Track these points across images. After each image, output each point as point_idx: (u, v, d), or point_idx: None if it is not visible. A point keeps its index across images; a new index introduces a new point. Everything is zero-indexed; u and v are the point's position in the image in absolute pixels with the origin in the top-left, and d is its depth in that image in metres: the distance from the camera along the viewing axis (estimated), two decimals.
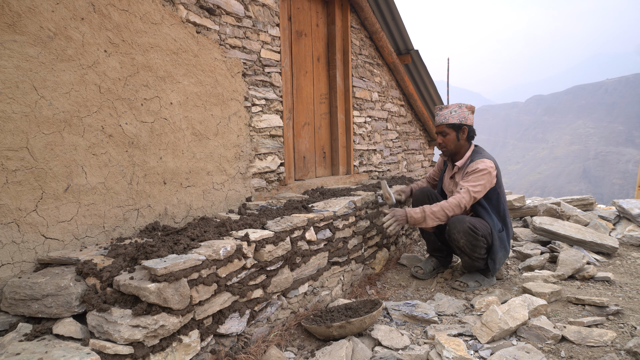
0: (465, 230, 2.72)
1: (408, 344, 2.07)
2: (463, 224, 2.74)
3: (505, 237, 2.90)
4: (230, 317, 1.80)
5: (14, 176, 1.65)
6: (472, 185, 2.77)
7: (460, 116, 2.94)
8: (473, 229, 2.71)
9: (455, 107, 2.97)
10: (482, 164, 2.80)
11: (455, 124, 2.94)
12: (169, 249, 1.67)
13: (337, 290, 2.70)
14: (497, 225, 2.86)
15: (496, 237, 2.81)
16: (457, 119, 2.94)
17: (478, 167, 2.80)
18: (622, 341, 2.04)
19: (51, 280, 1.50)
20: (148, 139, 2.20)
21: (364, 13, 4.23)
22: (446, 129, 2.96)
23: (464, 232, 2.73)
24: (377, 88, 4.75)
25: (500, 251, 2.85)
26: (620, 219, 4.27)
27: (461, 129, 2.95)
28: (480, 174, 2.78)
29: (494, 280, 2.93)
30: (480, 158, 2.87)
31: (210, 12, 2.56)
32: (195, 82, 2.47)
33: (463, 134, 2.96)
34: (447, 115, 2.96)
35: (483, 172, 2.78)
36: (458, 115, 2.94)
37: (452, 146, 2.99)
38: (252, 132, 2.93)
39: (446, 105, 3.00)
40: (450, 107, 2.98)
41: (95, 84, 1.94)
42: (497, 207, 2.89)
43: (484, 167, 2.78)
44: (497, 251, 2.82)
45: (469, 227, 2.72)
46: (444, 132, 2.98)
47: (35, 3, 1.72)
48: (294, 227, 2.21)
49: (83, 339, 1.39)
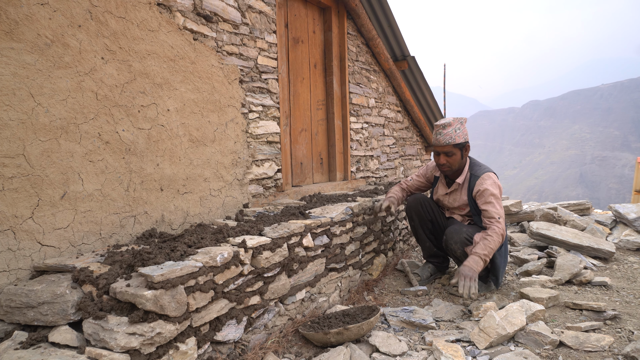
0: (462, 241, 2.72)
1: (406, 350, 2.07)
2: (460, 234, 2.73)
3: (504, 251, 2.86)
4: (227, 324, 1.80)
5: (10, 183, 1.65)
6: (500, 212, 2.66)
7: (463, 133, 2.80)
8: (469, 240, 2.71)
9: (458, 125, 2.78)
10: (490, 183, 2.72)
11: (460, 143, 2.77)
12: (166, 256, 1.66)
13: (334, 296, 2.69)
14: None
15: (496, 254, 2.73)
16: (462, 138, 2.78)
17: (488, 188, 2.69)
18: (619, 346, 2.05)
19: (47, 287, 1.49)
20: (145, 145, 2.20)
21: (361, 20, 4.26)
22: (453, 149, 2.76)
23: (461, 243, 2.72)
24: (374, 94, 4.77)
25: (502, 267, 2.84)
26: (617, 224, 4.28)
27: (465, 146, 2.81)
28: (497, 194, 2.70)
29: (492, 286, 2.93)
30: (482, 172, 2.79)
31: (207, 19, 2.57)
32: (193, 88, 2.48)
33: (466, 152, 2.85)
34: (453, 134, 2.74)
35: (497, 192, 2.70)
36: (462, 132, 2.79)
37: (456, 166, 2.82)
38: (249, 139, 2.94)
39: (448, 123, 2.77)
40: (453, 125, 2.77)
41: (92, 91, 1.95)
42: None
43: (494, 188, 2.70)
44: (499, 267, 2.80)
45: (466, 237, 2.71)
46: (450, 153, 2.77)
47: (33, 11, 1.72)
48: (291, 233, 2.21)
49: (79, 347, 1.38)
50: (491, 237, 2.57)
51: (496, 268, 2.77)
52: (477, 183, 2.75)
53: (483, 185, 2.71)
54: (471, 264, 2.51)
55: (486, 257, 2.55)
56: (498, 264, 2.77)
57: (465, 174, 2.85)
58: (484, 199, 2.70)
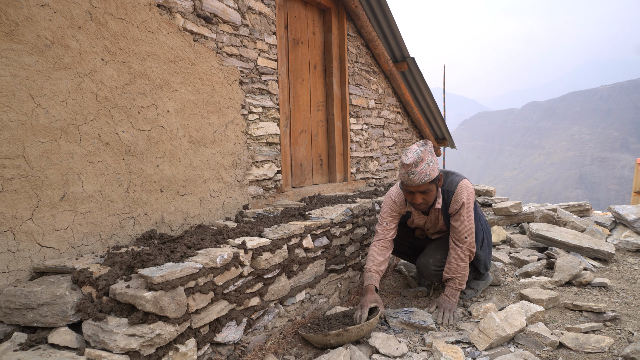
0: (433, 274, 2.67)
1: (406, 352, 2.07)
2: (427, 268, 2.67)
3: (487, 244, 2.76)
4: (227, 326, 1.79)
5: (9, 184, 1.65)
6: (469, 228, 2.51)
7: (435, 164, 2.43)
8: (439, 269, 2.65)
9: (429, 157, 2.37)
10: (464, 195, 2.50)
11: (437, 176, 2.43)
12: (166, 257, 1.66)
13: (334, 297, 2.69)
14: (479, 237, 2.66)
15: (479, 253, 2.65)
16: (437, 169, 2.43)
17: (464, 201, 2.49)
18: (619, 347, 2.04)
19: (47, 289, 1.49)
20: (145, 146, 2.20)
21: (360, 21, 4.26)
22: (429, 185, 2.40)
23: (433, 275, 2.68)
24: (373, 95, 4.78)
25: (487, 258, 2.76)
26: (617, 225, 4.28)
27: (439, 178, 2.48)
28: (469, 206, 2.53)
29: (490, 278, 2.91)
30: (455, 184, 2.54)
31: (207, 20, 2.58)
32: (192, 90, 2.48)
33: (440, 182, 2.51)
34: (427, 170, 2.34)
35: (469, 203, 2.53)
36: (434, 164, 2.41)
37: (432, 200, 2.50)
38: (249, 140, 2.94)
39: (420, 159, 2.33)
40: (425, 159, 2.34)
41: (92, 92, 1.95)
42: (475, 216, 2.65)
43: (467, 199, 2.50)
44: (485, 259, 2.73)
45: (434, 270, 2.65)
46: (427, 190, 2.41)
47: (33, 12, 1.72)
48: (291, 234, 2.21)
49: (78, 349, 1.38)
50: (459, 265, 2.53)
51: (480, 262, 2.72)
52: (452, 200, 2.52)
53: (459, 203, 2.51)
54: (449, 297, 2.55)
55: (461, 286, 2.57)
56: (483, 257, 2.71)
57: (440, 197, 2.56)
58: (457, 215, 2.54)
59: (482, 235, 2.71)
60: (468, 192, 2.53)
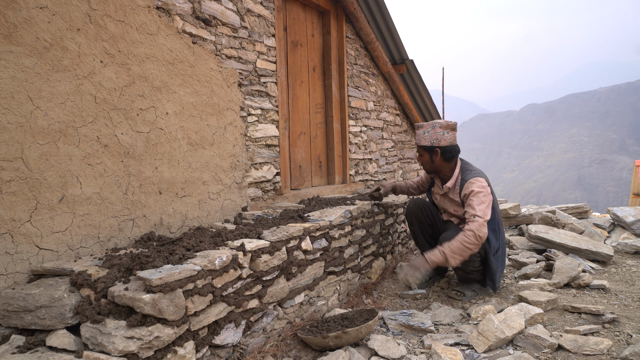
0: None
1: (405, 354, 2.06)
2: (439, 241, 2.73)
3: (501, 255, 2.84)
4: (225, 328, 1.79)
5: (8, 186, 1.64)
6: (480, 210, 2.60)
7: (432, 138, 2.81)
8: None
9: (428, 128, 2.84)
10: (477, 185, 2.68)
11: (426, 146, 2.84)
12: (165, 260, 1.66)
13: (333, 299, 2.69)
14: (494, 244, 2.75)
15: (492, 259, 2.72)
16: (429, 141, 2.82)
17: (474, 189, 2.66)
18: (618, 349, 2.05)
19: (45, 291, 1.48)
20: (144, 149, 2.20)
21: (359, 23, 4.27)
22: (421, 150, 2.90)
23: None
24: (372, 97, 4.78)
25: (498, 272, 2.81)
26: (615, 227, 4.29)
27: (434, 151, 2.83)
28: (481, 195, 2.65)
29: (490, 290, 2.92)
30: (472, 176, 2.75)
31: (206, 22, 2.58)
32: (191, 92, 2.48)
33: (436, 156, 2.84)
34: (421, 136, 2.86)
35: (481, 192, 2.65)
36: (430, 137, 2.82)
37: (427, 167, 2.94)
38: (248, 142, 2.94)
39: (421, 125, 2.89)
40: (424, 127, 2.86)
41: (90, 94, 1.95)
42: (493, 224, 2.78)
43: (479, 188, 2.66)
44: (495, 272, 2.78)
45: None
46: (420, 152, 2.93)
47: (32, 14, 1.72)
48: (290, 236, 2.21)
49: (77, 351, 1.38)
50: (465, 236, 2.54)
51: (492, 272, 2.75)
52: (464, 186, 2.75)
53: (469, 188, 2.71)
54: (428, 256, 2.59)
55: (452, 254, 2.52)
56: (494, 268, 2.75)
57: (454, 179, 2.84)
58: (468, 200, 2.71)
59: (497, 245, 2.79)
60: (480, 184, 2.70)
